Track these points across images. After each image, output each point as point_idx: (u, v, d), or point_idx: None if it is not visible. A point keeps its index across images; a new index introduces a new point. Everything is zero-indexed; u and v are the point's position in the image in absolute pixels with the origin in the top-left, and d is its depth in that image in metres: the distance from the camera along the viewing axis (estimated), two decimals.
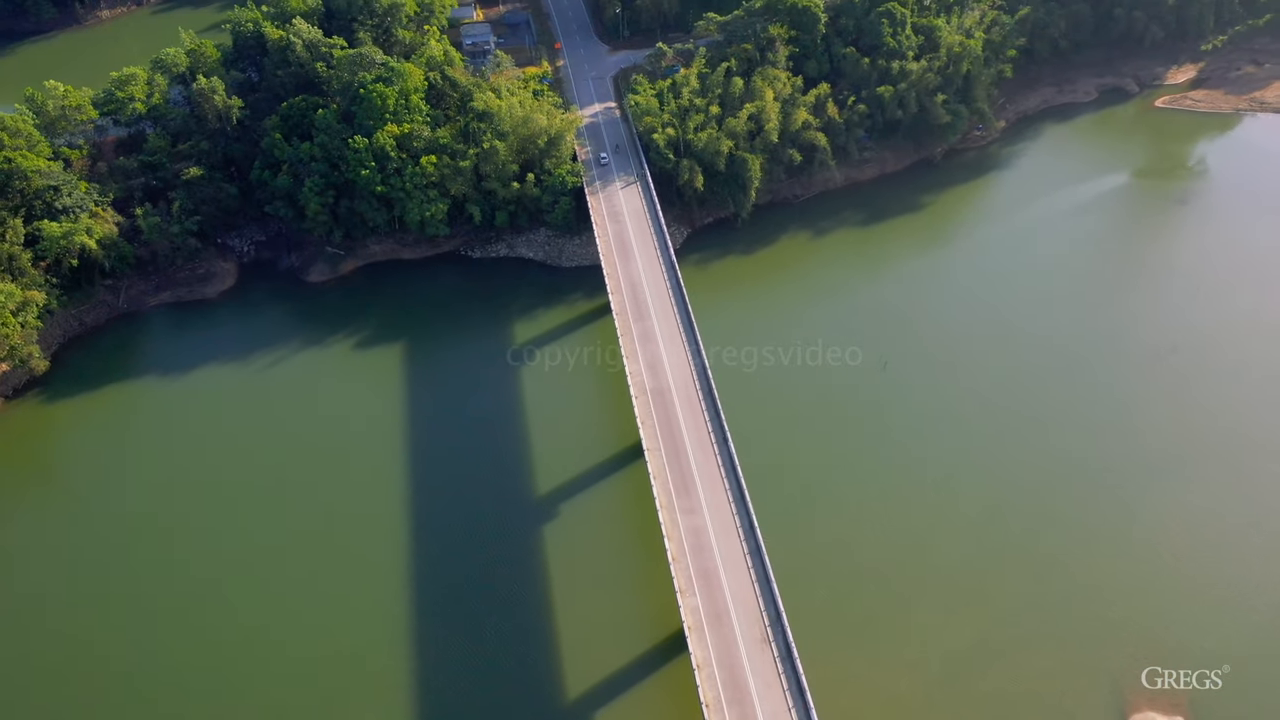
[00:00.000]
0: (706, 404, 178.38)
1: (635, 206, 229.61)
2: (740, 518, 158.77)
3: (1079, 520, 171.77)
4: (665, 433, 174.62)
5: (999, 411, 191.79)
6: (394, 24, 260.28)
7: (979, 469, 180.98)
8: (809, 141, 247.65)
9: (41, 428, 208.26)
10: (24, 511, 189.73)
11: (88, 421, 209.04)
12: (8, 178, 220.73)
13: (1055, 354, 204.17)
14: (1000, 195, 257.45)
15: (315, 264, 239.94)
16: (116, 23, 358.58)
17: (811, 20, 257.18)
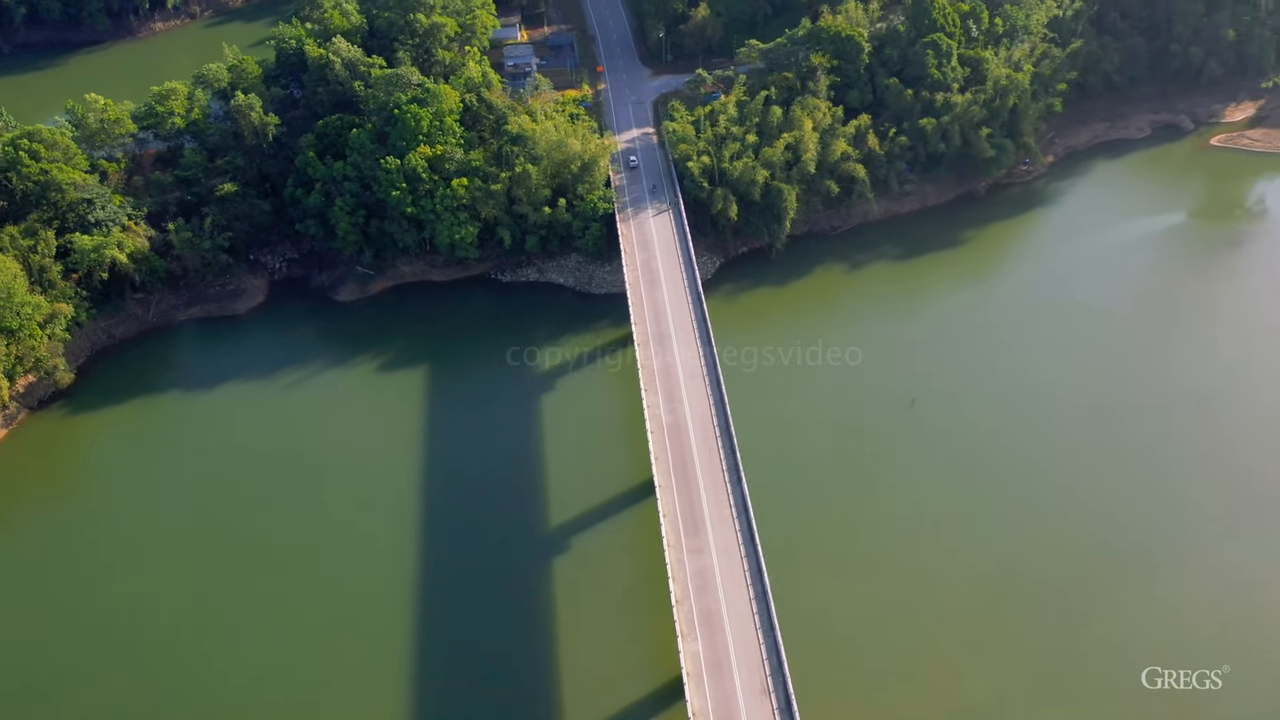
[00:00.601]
0: (723, 441, 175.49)
1: (666, 235, 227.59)
2: (748, 560, 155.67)
3: (1102, 575, 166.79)
4: (679, 469, 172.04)
5: (1026, 457, 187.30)
6: (434, 44, 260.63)
7: (1001, 517, 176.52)
8: (848, 173, 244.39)
9: (64, 440, 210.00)
10: (43, 523, 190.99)
11: (110, 435, 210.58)
12: (43, 190, 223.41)
13: (1091, 398, 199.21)
14: (1045, 232, 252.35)
15: (345, 283, 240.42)
16: (169, 35, 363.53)
17: (855, 50, 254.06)
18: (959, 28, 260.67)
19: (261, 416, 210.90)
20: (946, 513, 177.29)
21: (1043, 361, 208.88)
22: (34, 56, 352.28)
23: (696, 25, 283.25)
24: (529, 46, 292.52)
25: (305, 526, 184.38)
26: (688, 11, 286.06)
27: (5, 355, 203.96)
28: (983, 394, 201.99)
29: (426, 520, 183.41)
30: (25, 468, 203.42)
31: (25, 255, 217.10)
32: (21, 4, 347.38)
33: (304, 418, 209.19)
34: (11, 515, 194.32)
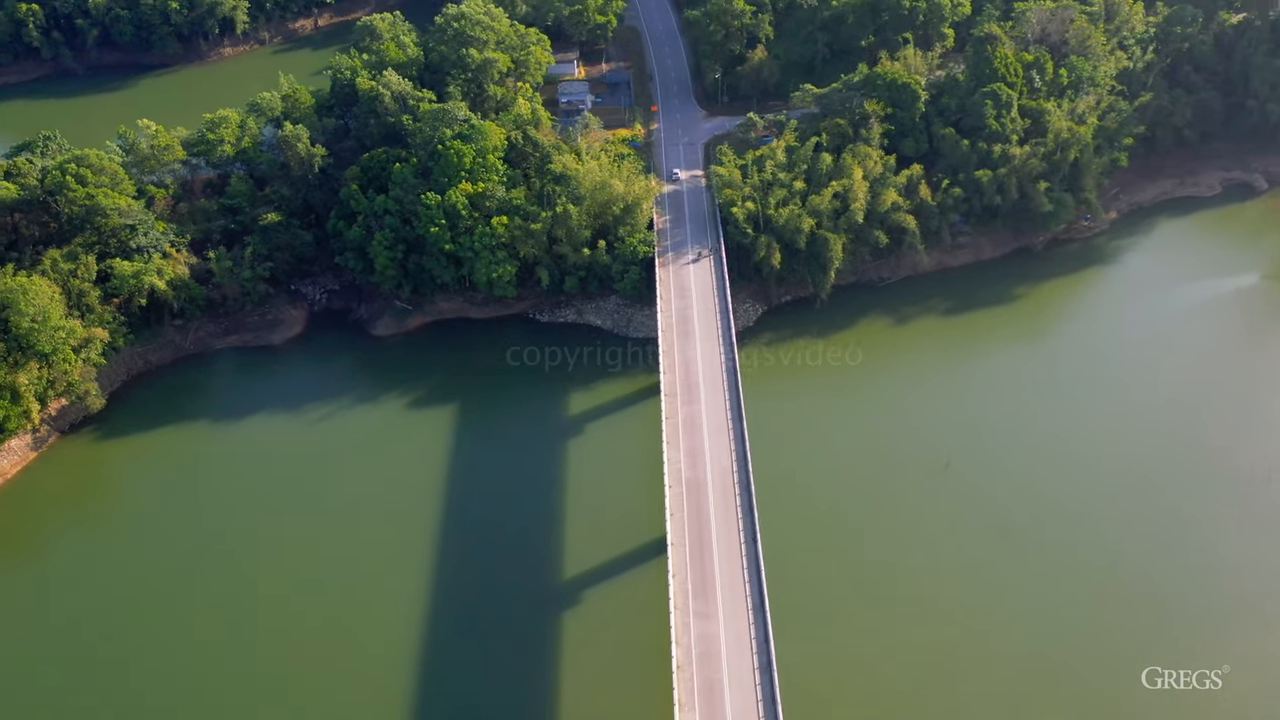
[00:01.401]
0: (742, 499, 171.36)
1: (704, 282, 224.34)
2: (756, 628, 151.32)
3: (1138, 665, 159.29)
4: (694, 527, 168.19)
5: (1061, 533, 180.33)
6: (486, 80, 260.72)
7: (1028, 598, 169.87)
8: (897, 223, 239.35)
9: (92, 464, 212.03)
10: (67, 546, 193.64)
11: (137, 462, 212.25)
12: (88, 214, 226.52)
13: (1141, 469, 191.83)
14: (1103, 291, 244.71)
15: (382, 317, 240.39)
16: (237, 60, 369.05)
17: (911, 98, 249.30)
18: (1021, 78, 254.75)
19: (286, 450, 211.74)
20: (970, 590, 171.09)
21: (1089, 429, 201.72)
22: (106, 77, 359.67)
23: (753, 67, 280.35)
24: (585, 83, 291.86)
25: (318, 563, 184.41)
26: (745, 53, 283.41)
27: (37, 379, 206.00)
28: (1022, 460, 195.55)
29: (440, 565, 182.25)
30: (52, 491, 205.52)
31: (66, 279, 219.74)
32: (95, 26, 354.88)
33: (328, 453, 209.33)
34: (36, 537, 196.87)
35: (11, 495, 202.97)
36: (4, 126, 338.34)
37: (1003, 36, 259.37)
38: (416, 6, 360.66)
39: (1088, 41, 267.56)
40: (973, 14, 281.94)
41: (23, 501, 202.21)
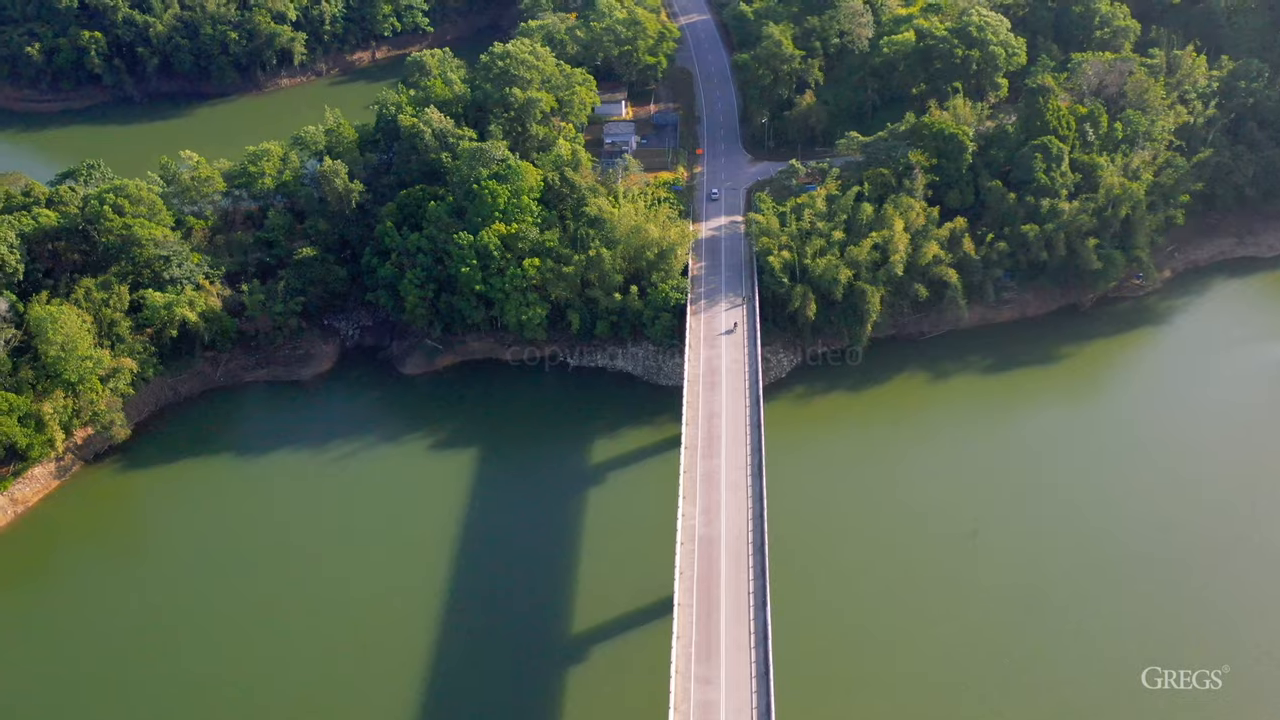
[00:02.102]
0: (755, 562, 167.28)
1: (736, 331, 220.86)
2: (758, 697, 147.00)
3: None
4: (703, 588, 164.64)
5: (1085, 620, 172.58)
6: (529, 119, 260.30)
7: (1052, 680, 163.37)
8: (938, 277, 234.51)
9: (114, 494, 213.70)
10: (84, 575, 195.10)
11: (159, 493, 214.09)
12: (125, 244, 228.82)
13: (1179, 548, 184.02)
14: (1154, 354, 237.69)
15: (413, 355, 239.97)
16: (294, 91, 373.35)
17: (958, 149, 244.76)
18: (1073, 131, 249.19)
19: (306, 486, 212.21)
20: (988, 673, 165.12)
21: (1127, 499, 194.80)
22: (164, 105, 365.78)
23: (800, 113, 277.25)
24: (630, 125, 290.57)
25: (328, 602, 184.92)
26: (793, 98, 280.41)
27: (63, 407, 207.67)
28: (1053, 531, 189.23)
29: (447, 612, 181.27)
30: (71, 520, 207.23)
31: (98, 308, 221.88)
32: (155, 55, 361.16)
33: (347, 491, 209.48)
34: (52, 566, 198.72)
35: (31, 523, 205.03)
36: (64, 151, 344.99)
37: (1056, 88, 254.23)
38: (474, 42, 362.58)
39: (1146, 95, 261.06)
40: (1028, 64, 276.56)
41: (41, 530, 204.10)
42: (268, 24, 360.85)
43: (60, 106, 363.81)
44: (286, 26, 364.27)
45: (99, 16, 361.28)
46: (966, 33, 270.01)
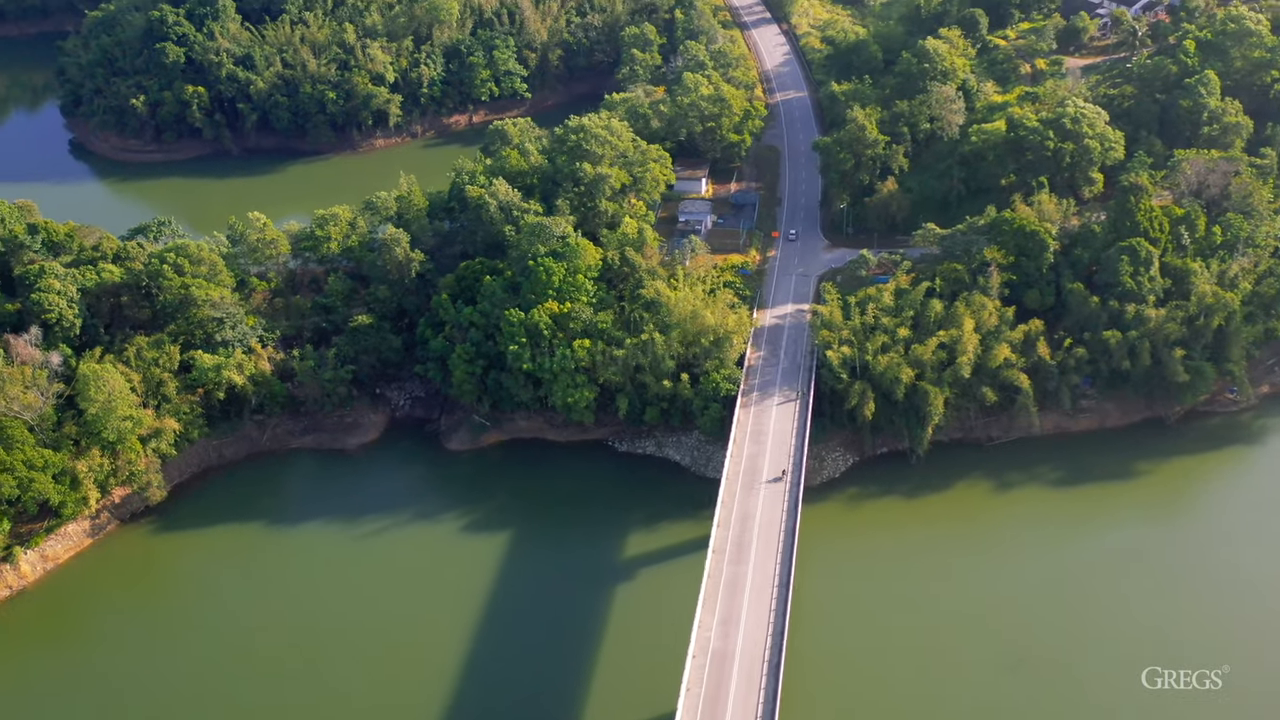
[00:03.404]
0: (768, 683, 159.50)
1: (784, 428, 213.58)
2: None
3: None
4: (709, 708, 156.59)
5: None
6: (598, 195, 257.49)
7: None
8: (1009, 381, 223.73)
9: (145, 556, 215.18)
10: (104, 637, 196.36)
11: (191, 557, 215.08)
12: (181, 304, 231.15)
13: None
14: (1245, 476, 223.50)
15: (459, 431, 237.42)
16: (388, 152, 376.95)
17: (1038, 247, 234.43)
18: (1166, 233, 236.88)
19: (338, 559, 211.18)
20: None
21: (1202, 642, 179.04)
22: (260, 161, 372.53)
23: (881, 200, 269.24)
24: (707, 203, 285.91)
25: (345, 677, 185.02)
26: (875, 184, 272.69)
27: (99, 466, 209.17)
28: (1109, 670, 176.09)
29: (455, 700, 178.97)
30: (99, 580, 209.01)
31: (147, 367, 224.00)
32: (255, 111, 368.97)
33: (376, 566, 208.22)
34: (74, 626, 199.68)
35: (59, 580, 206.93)
36: (160, 201, 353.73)
37: (1150, 187, 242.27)
38: (572, 110, 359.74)
39: (1250, 198, 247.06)
40: (1126, 158, 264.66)
41: (69, 588, 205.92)
42: (365, 85, 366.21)
43: (162, 158, 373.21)
44: (384, 89, 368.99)
45: (204, 72, 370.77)
46: (1060, 124, 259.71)
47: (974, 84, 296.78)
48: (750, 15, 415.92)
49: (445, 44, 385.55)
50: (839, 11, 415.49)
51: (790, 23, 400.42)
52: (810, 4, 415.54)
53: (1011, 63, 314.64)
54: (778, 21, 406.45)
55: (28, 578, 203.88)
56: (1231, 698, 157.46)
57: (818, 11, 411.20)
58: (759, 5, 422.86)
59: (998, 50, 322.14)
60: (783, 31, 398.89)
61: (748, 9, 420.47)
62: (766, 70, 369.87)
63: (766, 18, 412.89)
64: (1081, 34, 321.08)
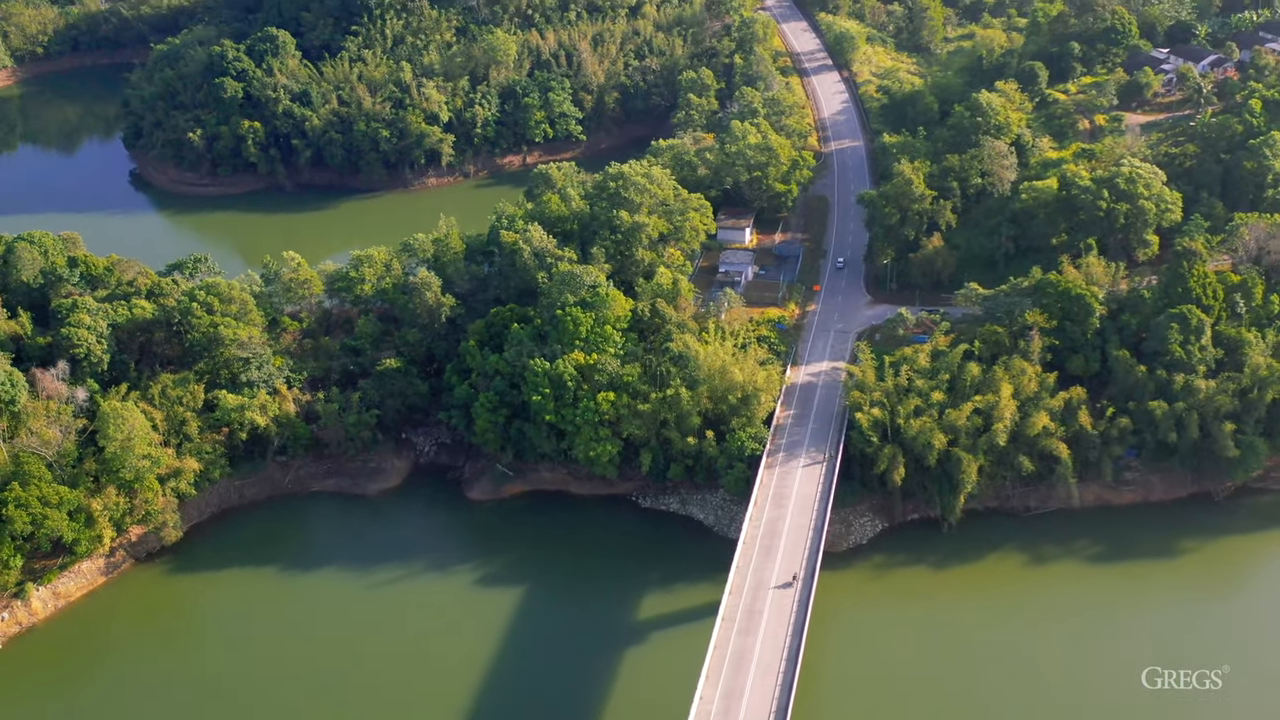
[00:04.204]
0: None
1: (808, 492, 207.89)
2: None
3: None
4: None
5: None
6: (635, 243, 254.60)
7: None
8: (1048, 450, 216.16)
9: (160, 596, 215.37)
10: (108, 678, 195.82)
11: (204, 599, 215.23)
12: (209, 342, 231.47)
13: None
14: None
15: (481, 480, 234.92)
16: (440, 191, 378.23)
17: (1084, 312, 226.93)
18: (1220, 301, 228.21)
19: (350, 607, 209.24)
20: None
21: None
22: (313, 197, 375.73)
23: (926, 256, 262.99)
24: (749, 254, 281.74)
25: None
26: (920, 239, 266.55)
27: (115, 504, 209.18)
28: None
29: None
30: (111, 618, 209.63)
31: (171, 406, 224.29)
32: (309, 147, 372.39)
33: (387, 615, 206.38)
34: (83, 662, 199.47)
35: (69, 618, 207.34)
36: (212, 234, 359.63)
37: (1205, 252, 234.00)
38: (626, 154, 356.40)
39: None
40: (1183, 220, 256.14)
41: (78, 627, 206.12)
42: (419, 124, 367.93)
43: (217, 191, 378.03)
44: (437, 128, 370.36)
45: (261, 107, 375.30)
46: (1114, 184, 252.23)
47: (1029, 139, 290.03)
48: (811, 61, 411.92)
49: (501, 84, 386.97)
50: (903, 59, 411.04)
51: (851, 70, 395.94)
52: (873, 51, 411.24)
53: (1070, 118, 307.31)
54: (838, 68, 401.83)
55: (38, 614, 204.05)
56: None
57: (880, 59, 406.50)
58: (821, 51, 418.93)
59: (1056, 105, 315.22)
60: (843, 79, 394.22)
61: (809, 55, 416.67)
62: (823, 118, 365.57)
63: (828, 64, 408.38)
64: (1144, 90, 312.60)
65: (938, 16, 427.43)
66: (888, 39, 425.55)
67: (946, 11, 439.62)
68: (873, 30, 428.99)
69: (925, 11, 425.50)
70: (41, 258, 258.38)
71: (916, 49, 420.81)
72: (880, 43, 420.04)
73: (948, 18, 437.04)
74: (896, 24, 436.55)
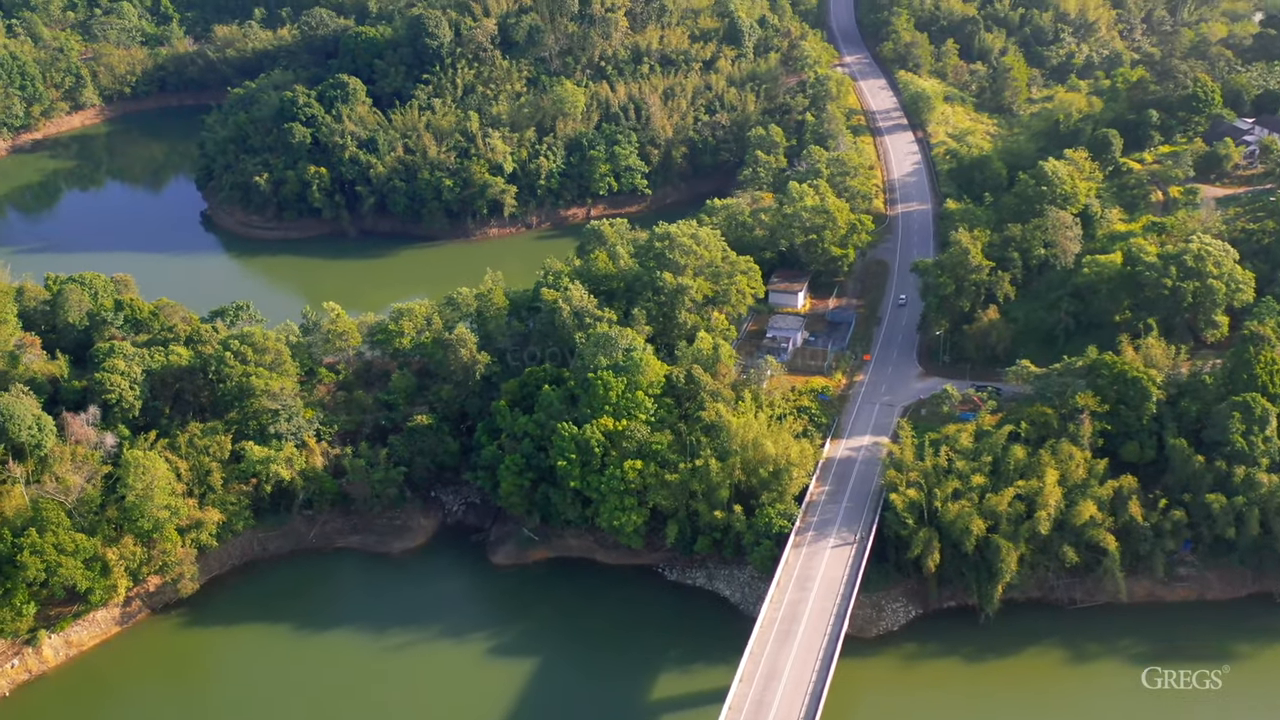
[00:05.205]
0: None
1: (834, 575, 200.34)
2: None
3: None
4: None
5: None
6: (678, 306, 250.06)
7: None
8: (1094, 541, 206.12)
9: (172, 649, 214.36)
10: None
11: (216, 652, 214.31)
12: (239, 393, 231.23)
13: None
14: None
15: (506, 544, 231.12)
16: (501, 241, 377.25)
17: (1140, 396, 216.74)
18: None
19: (363, 669, 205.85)
20: None
21: None
22: (375, 244, 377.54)
23: (981, 329, 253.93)
24: (799, 319, 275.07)
25: None
26: (976, 311, 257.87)
27: (131, 554, 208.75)
28: None
29: None
30: (120, 669, 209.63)
31: (197, 456, 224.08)
32: (373, 194, 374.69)
33: (399, 680, 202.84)
34: (94, 713, 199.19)
35: (79, 668, 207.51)
36: (275, 278, 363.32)
37: (1274, 337, 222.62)
38: (693, 209, 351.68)
39: None
40: (1255, 301, 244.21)
41: (86, 676, 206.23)
42: (482, 174, 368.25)
43: (281, 235, 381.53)
44: (500, 178, 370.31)
45: (328, 153, 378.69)
46: (1181, 260, 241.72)
47: (1097, 209, 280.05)
48: (886, 120, 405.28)
49: (568, 136, 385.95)
50: (983, 120, 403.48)
51: (926, 130, 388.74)
52: (951, 111, 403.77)
53: (1143, 188, 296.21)
54: (913, 128, 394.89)
55: (49, 662, 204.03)
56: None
57: (958, 119, 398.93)
58: (897, 110, 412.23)
59: (1130, 174, 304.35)
60: (917, 139, 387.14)
61: (884, 114, 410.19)
62: (892, 179, 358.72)
63: (903, 124, 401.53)
64: (1224, 161, 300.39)
65: (1021, 77, 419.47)
66: (968, 99, 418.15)
67: (1032, 72, 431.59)
68: (952, 89, 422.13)
69: (1009, 71, 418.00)
70: (90, 300, 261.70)
71: (999, 110, 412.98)
72: (960, 102, 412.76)
73: (1033, 78, 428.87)
74: (979, 83, 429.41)
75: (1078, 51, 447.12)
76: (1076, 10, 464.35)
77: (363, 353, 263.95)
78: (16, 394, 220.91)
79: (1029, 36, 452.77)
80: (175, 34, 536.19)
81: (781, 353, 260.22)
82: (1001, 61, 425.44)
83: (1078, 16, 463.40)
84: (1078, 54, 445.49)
